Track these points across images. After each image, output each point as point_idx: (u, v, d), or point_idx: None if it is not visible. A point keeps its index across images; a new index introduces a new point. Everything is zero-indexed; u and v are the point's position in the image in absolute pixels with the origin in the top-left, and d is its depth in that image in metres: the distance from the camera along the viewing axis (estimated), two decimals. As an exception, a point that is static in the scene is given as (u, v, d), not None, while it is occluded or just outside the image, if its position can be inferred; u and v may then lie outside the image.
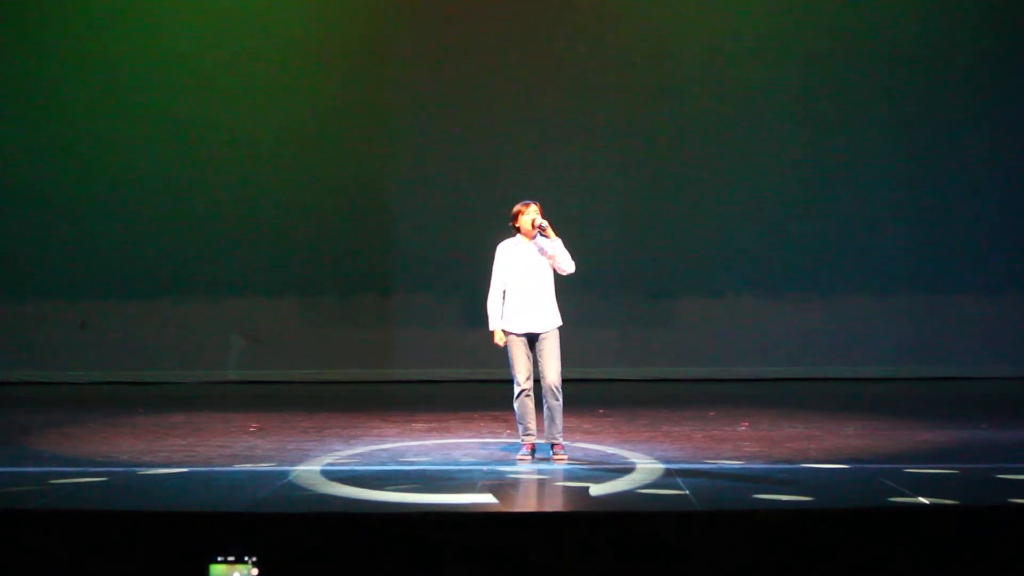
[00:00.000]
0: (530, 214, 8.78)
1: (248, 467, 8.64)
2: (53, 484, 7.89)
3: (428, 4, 15.10)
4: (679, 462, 8.75)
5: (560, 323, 8.77)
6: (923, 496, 7.30)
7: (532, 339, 8.75)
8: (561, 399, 8.70)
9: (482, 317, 8.92)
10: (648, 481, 8.03)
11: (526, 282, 8.75)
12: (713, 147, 14.90)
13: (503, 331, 8.76)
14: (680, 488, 7.72)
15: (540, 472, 8.43)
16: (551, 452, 8.79)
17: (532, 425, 8.77)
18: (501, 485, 7.93)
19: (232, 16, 14.96)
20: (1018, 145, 14.86)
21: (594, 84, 14.93)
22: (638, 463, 8.73)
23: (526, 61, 14.95)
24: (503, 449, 9.43)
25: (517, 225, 8.82)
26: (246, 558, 5.59)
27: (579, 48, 14.96)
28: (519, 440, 8.88)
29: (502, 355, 8.86)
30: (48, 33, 14.89)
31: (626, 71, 14.95)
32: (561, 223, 8.85)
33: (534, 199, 8.92)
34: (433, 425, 10.89)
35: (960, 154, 14.85)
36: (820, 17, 14.94)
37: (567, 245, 8.78)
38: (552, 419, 8.72)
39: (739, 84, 14.89)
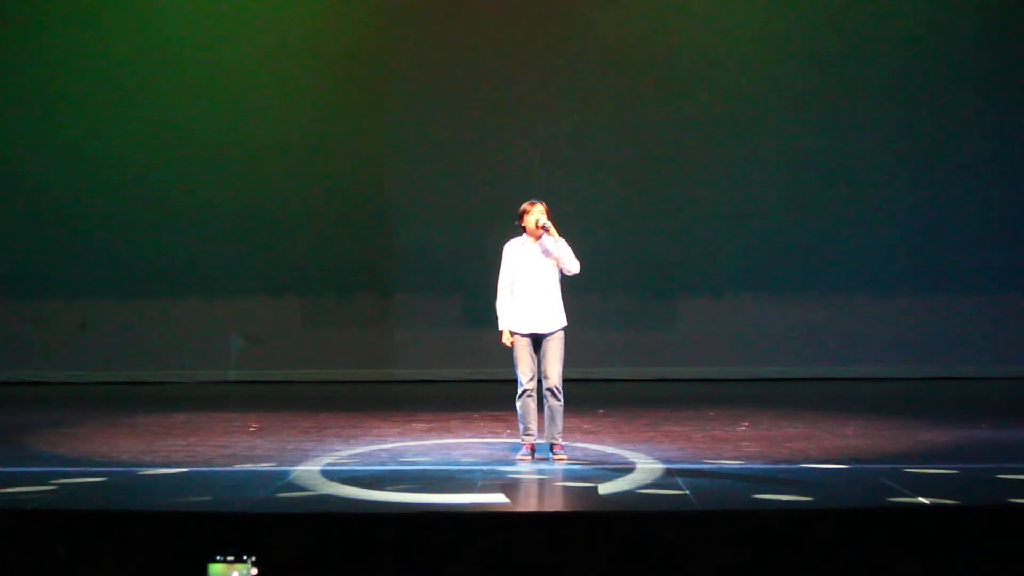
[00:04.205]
0: (535, 214, 8.76)
1: (248, 467, 8.64)
2: (53, 484, 7.88)
3: (428, 4, 15.10)
4: (679, 462, 8.75)
5: (565, 324, 8.76)
6: (923, 496, 7.29)
7: (537, 339, 8.74)
8: (562, 399, 8.70)
9: (482, 317, 8.94)
10: (648, 481, 8.03)
11: (531, 282, 8.74)
12: (713, 147, 14.91)
13: (510, 331, 8.76)
14: (680, 488, 7.71)
15: (540, 472, 8.43)
16: (551, 452, 8.79)
17: (533, 425, 8.77)
18: (501, 485, 7.92)
19: (231, 16, 14.96)
20: (1018, 145, 14.86)
21: (594, 84, 14.93)
22: (638, 463, 8.73)
23: (526, 61, 14.94)
24: (503, 449, 9.43)
25: (523, 224, 8.82)
26: (245, 557, 5.59)
27: (579, 48, 14.96)
28: (519, 440, 8.88)
29: (503, 355, 8.86)
30: (48, 33, 14.88)
31: (626, 71, 14.95)
32: (562, 223, 8.85)
33: (543, 199, 8.90)
34: (433, 425, 10.89)
35: (960, 154, 14.86)
36: (820, 17, 14.94)
37: (570, 245, 8.78)
38: (552, 419, 8.73)
39: (739, 84, 14.89)
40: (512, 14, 14.96)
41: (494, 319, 8.83)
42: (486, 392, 12.92)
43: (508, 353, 8.79)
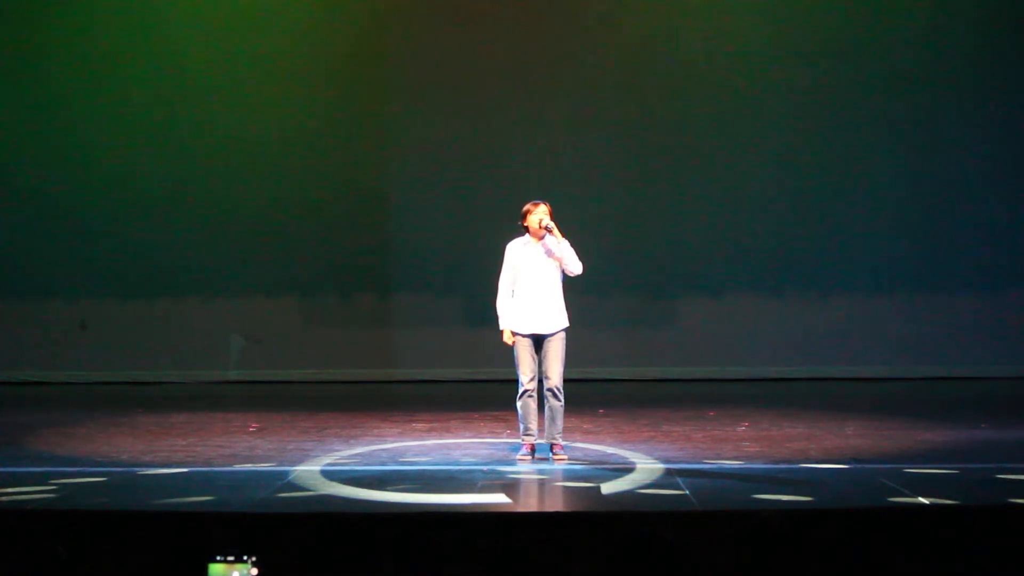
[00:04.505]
0: (538, 214, 8.74)
1: (248, 467, 8.64)
2: (53, 484, 7.88)
3: (428, 4, 15.10)
4: (679, 462, 8.75)
5: (567, 324, 8.76)
6: (923, 496, 7.30)
7: (539, 340, 8.74)
8: (563, 400, 8.71)
9: (482, 317, 8.94)
10: (648, 481, 8.03)
11: (533, 282, 8.73)
12: (713, 146, 14.90)
13: (511, 331, 8.75)
14: (680, 488, 7.72)
15: (540, 472, 8.43)
16: (551, 452, 8.79)
17: (533, 425, 8.78)
18: (501, 485, 7.92)
19: (231, 16, 14.95)
20: (1018, 144, 14.86)
21: (594, 83, 14.93)
22: (638, 463, 8.73)
23: (526, 61, 14.94)
24: (503, 449, 9.43)
25: (526, 224, 8.81)
26: (245, 558, 5.59)
27: (579, 47, 14.95)
28: (519, 440, 8.88)
29: (502, 355, 8.86)
30: (48, 33, 14.88)
31: (626, 70, 14.95)
32: (561, 223, 8.85)
33: (544, 199, 8.89)
34: (433, 425, 10.89)
35: (960, 153, 14.86)
36: (820, 17, 14.93)
37: (571, 246, 8.78)
38: (553, 419, 8.73)
39: (739, 84, 14.89)
40: (512, 13, 14.96)
41: (494, 319, 8.83)
42: (486, 392, 12.92)
43: (508, 353, 8.80)
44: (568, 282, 8.86)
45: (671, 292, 15.01)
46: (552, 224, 8.70)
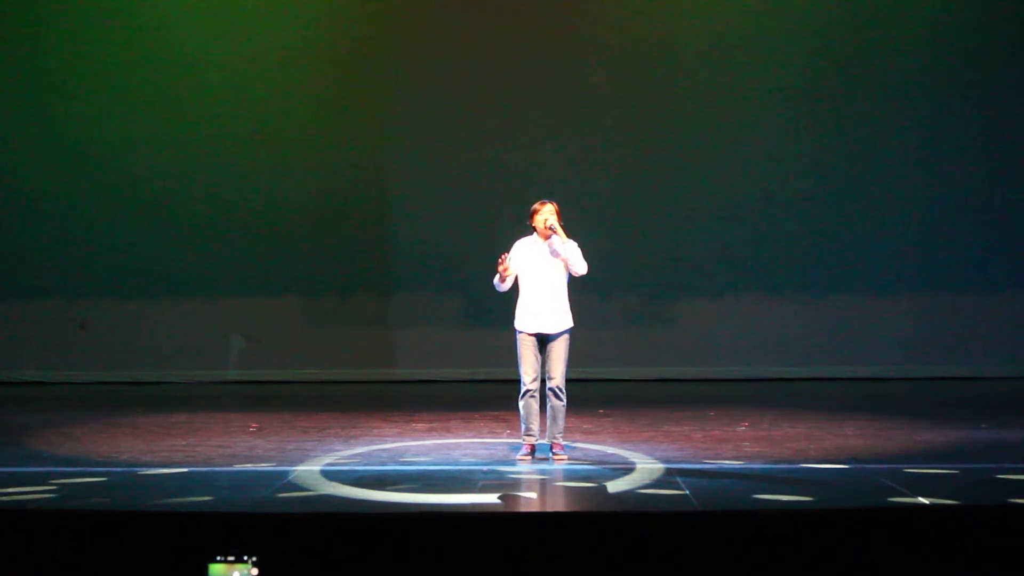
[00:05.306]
0: (544, 214, 8.76)
1: (248, 467, 8.64)
2: (53, 484, 7.89)
3: (428, 4, 15.10)
4: (679, 462, 8.75)
5: (571, 325, 8.77)
6: (923, 496, 7.30)
7: (543, 340, 8.74)
8: (565, 400, 8.72)
9: (482, 317, 8.96)
10: (648, 481, 8.03)
11: (540, 282, 8.74)
12: (713, 147, 14.90)
13: (516, 331, 8.74)
14: (680, 488, 7.72)
15: (540, 472, 8.43)
16: (551, 452, 8.80)
17: (534, 425, 8.78)
18: (501, 485, 7.93)
19: (231, 15, 14.95)
20: (1019, 145, 14.85)
21: (594, 84, 14.93)
22: (638, 463, 8.73)
23: (526, 61, 14.95)
24: (503, 449, 9.43)
25: (533, 224, 8.82)
26: (245, 558, 5.59)
27: (578, 48, 14.96)
28: (520, 440, 8.89)
29: (502, 355, 8.86)
30: (47, 33, 14.87)
31: (626, 71, 14.96)
32: (562, 222, 8.84)
33: (549, 198, 8.90)
34: (433, 425, 10.89)
35: (960, 154, 14.85)
36: (820, 16, 14.94)
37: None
38: (554, 419, 8.74)
39: (739, 84, 14.89)
40: (512, 14, 14.96)
41: (494, 319, 8.85)
42: (486, 392, 12.92)
43: (507, 353, 8.79)
44: (571, 282, 8.87)
45: (671, 292, 15.00)
46: (557, 225, 8.71)
